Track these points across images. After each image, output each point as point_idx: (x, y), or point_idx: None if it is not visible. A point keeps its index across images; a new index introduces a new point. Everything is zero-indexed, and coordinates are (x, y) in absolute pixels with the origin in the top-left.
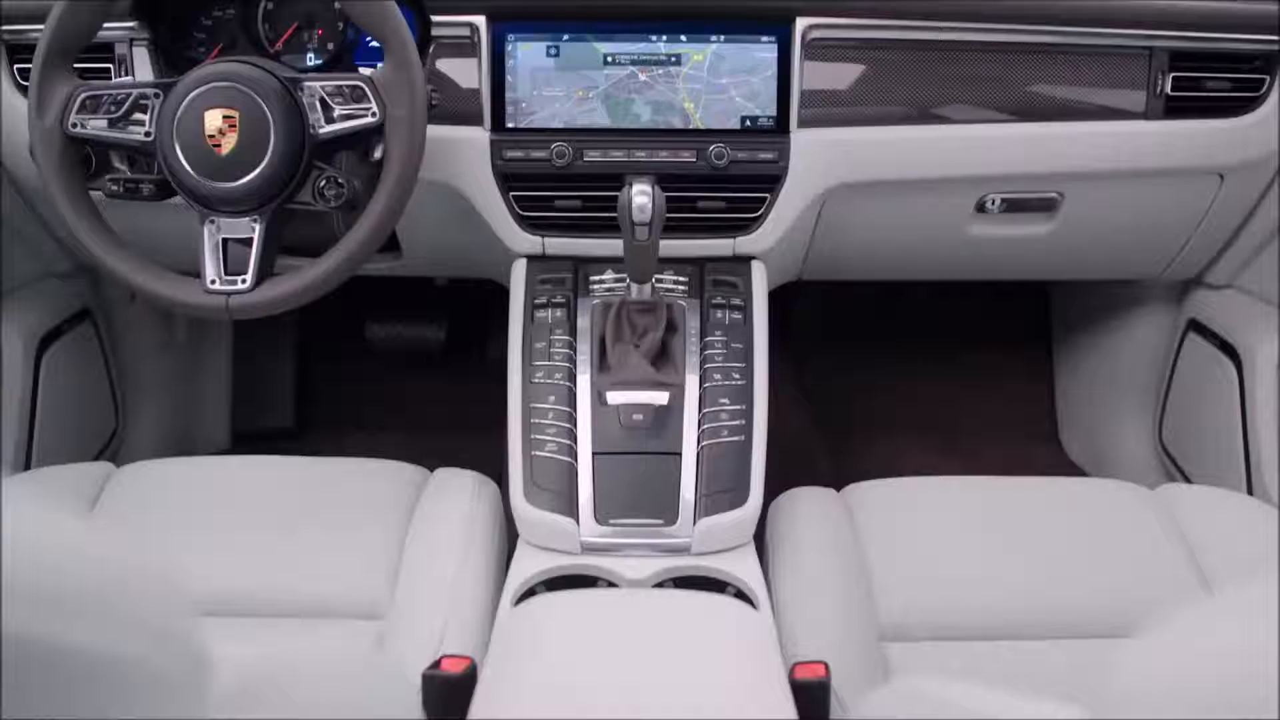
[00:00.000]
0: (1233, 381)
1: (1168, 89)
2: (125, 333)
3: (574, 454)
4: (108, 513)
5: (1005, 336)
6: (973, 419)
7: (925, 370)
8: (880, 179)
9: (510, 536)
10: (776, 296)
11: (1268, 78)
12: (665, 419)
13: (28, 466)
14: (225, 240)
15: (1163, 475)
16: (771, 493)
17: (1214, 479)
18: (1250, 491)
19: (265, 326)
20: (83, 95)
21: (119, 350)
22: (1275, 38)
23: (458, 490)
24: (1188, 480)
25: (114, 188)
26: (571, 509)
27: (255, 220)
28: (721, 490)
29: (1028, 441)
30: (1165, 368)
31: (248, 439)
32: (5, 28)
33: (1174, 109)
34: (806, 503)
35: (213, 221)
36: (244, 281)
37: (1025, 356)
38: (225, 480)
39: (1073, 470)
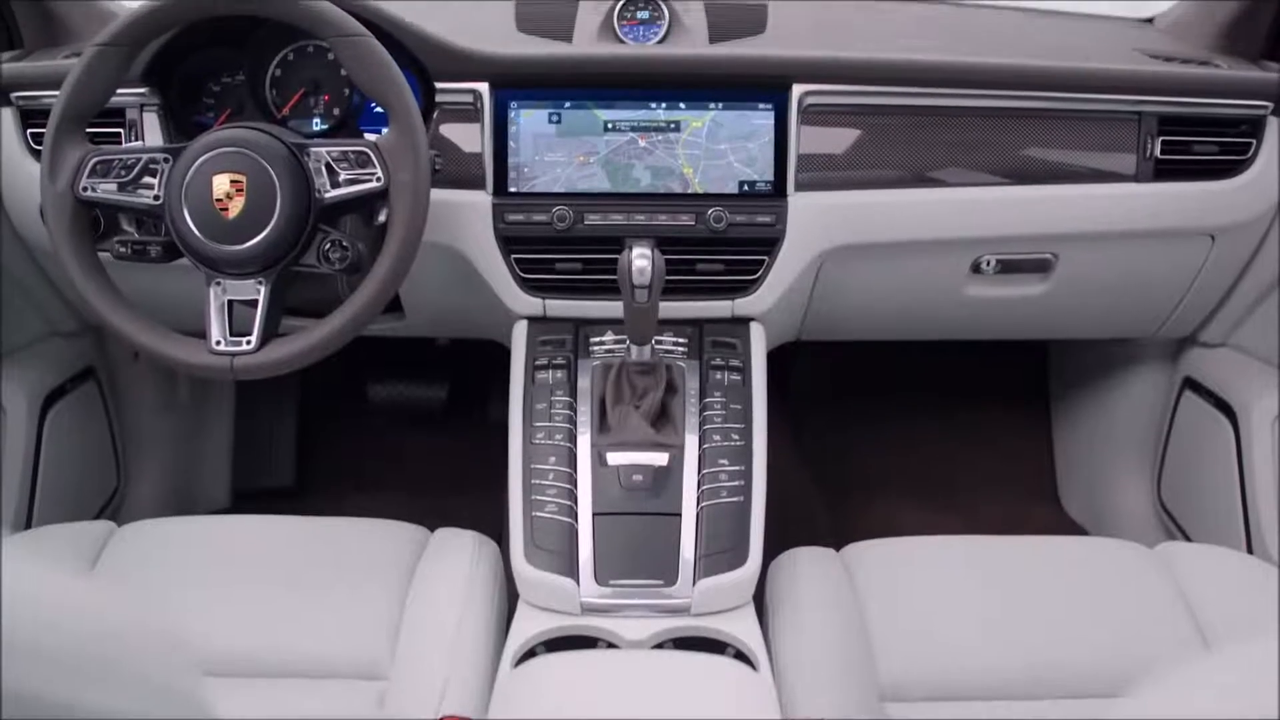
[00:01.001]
0: (1229, 439)
1: (1157, 152)
2: (128, 392)
3: (574, 514)
4: (109, 572)
5: (1003, 394)
6: (971, 477)
7: (923, 428)
8: (877, 241)
9: (510, 596)
10: (775, 356)
11: (1254, 142)
12: (665, 480)
13: (29, 525)
14: (230, 302)
15: (1162, 533)
16: (771, 552)
17: (1213, 537)
18: (1250, 550)
19: (267, 385)
20: (94, 160)
21: (122, 409)
22: (1260, 103)
23: (458, 550)
24: (1187, 538)
25: (122, 249)
26: (572, 569)
27: (261, 282)
28: (721, 551)
29: (1027, 499)
30: (1162, 425)
31: (248, 497)
32: (20, 93)
33: (1164, 172)
34: (806, 563)
35: (219, 283)
36: (248, 343)
37: (1023, 414)
38: (226, 540)
39: (1072, 528)
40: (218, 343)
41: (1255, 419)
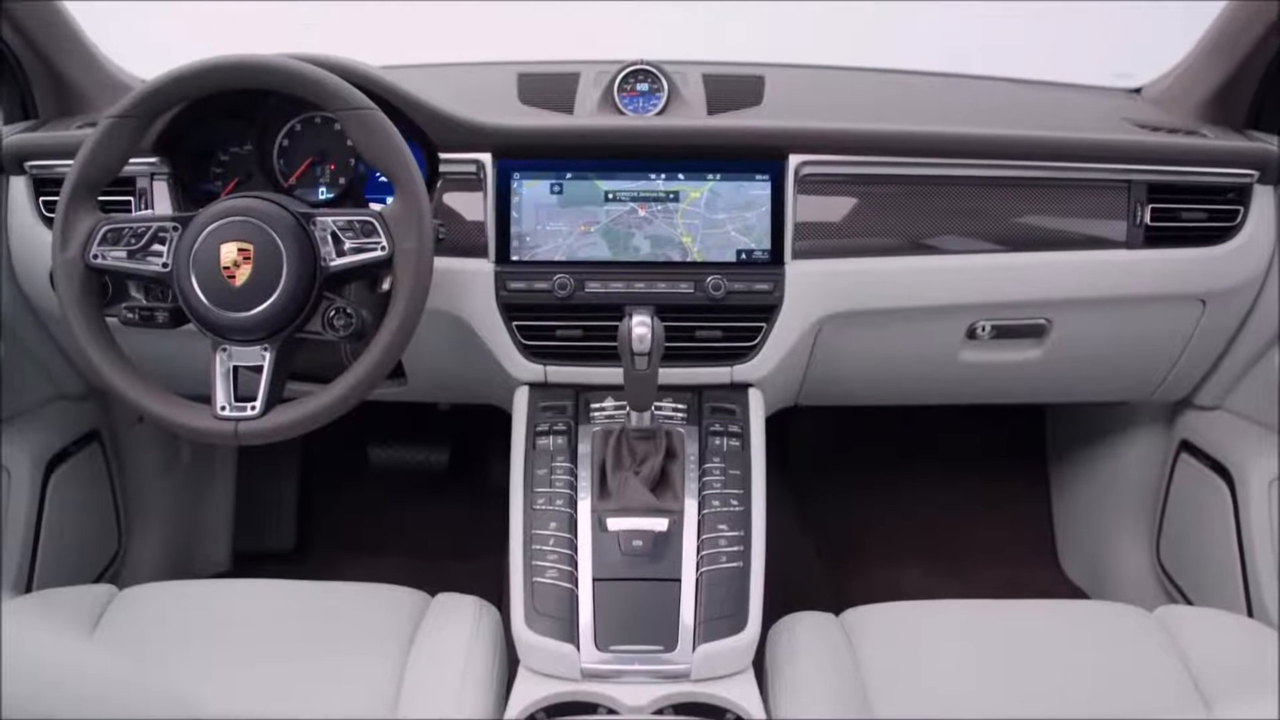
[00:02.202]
0: (1226, 502)
1: (1147, 219)
2: (131, 454)
3: (574, 580)
4: (109, 636)
5: (1001, 457)
6: (970, 540)
7: (922, 492)
8: (873, 308)
9: (511, 661)
10: (774, 420)
11: (1241, 209)
12: (665, 545)
13: (29, 586)
14: (236, 367)
15: (1162, 595)
16: (770, 618)
17: (1213, 600)
18: (1250, 612)
19: (269, 448)
20: (105, 228)
21: (125, 472)
22: (1247, 171)
23: (458, 616)
24: (1187, 601)
25: (130, 315)
26: (572, 635)
27: (266, 349)
28: (720, 616)
29: (1026, 562)
30: (1160, 488)
31: (249, 560)
32: (33, 163)
33: (1154, 238)
34: (805, 628)
35: (225, 349)
36: (253, 408)
37: (1022, 477)
38: (227, 605)
39: (1072, 591)
40: (222, 408)
41: (1252, 482)
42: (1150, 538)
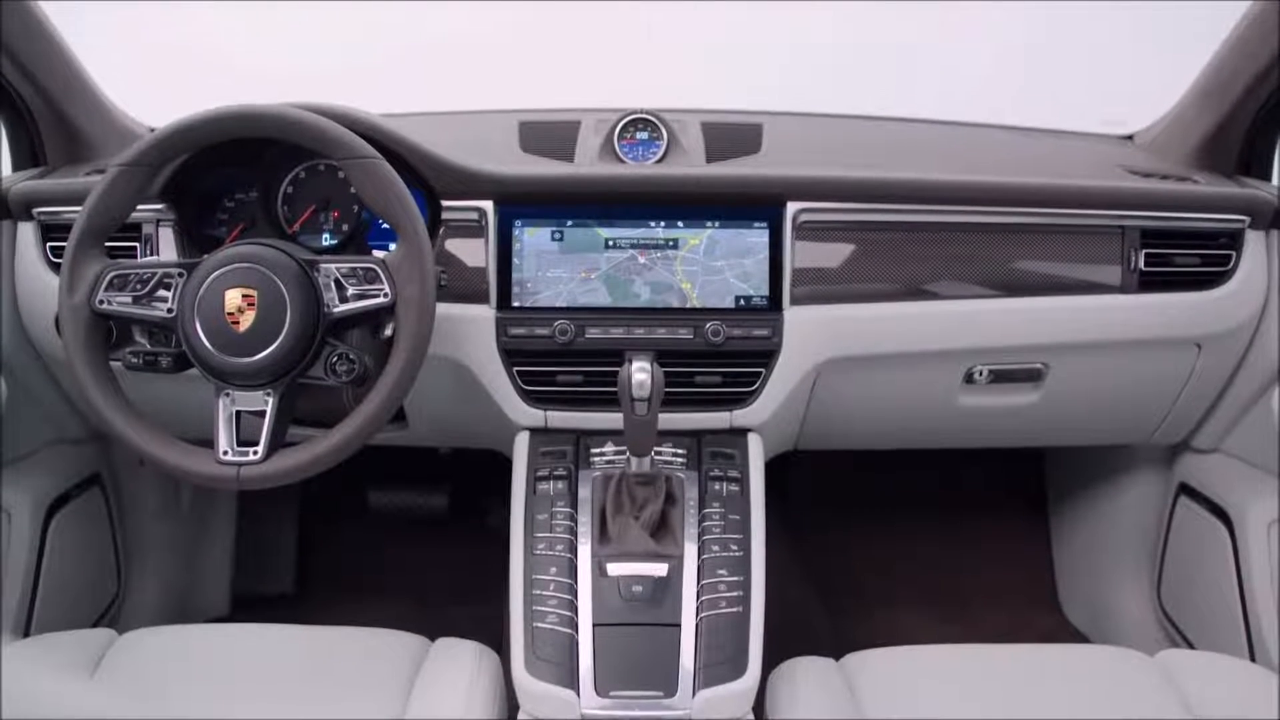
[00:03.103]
0: (1226, 544)
1: (1141, 264)
2: (132, 498)
3: (575, 625)
4: (109, 681)
5: (1002, 501)
6: (971, 584)
7: (923, 536)
8: (871, 353)
9: (511, 707)
10: (774, 463)
11: (1234, 253)
12: (664, 590)
13: (28, 629)
14: (239, 412)
15: (1164, 638)
16: (771, 663)
17: (1215, 643)
18: (1252, 655)
19: (269, 491)
20: (111, 274)
21: (125, 515)
22: (1238, 217)
23: (458, 661)
24: (1189, 644)
25: (134, 360)
26: (572, 680)
27: (269, 394)
28: (720, 661)
29: (1027, 606)
30: (1160, 531)
31: (248, 604)
32: (41, 209)
33: (1148, 283)
34: (806, 673)
35: (228, 394)
36: (255, 453)
37: (1022, 520)
38: (225, 649)
39: (1073, 634)
40: (225, 453)
41: (1251, 525)
42: (1151, 580)
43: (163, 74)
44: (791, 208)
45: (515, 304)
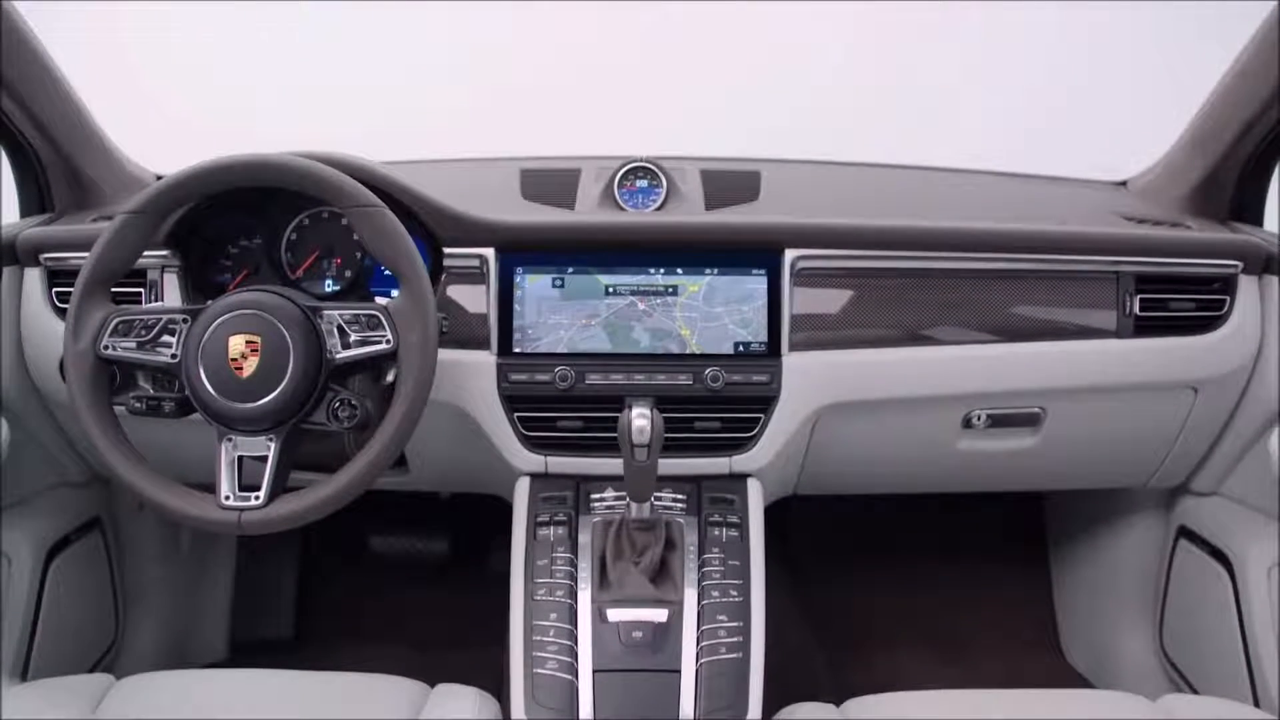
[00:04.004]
0: (1227, 588)
1: (1136, 309)
2: (132, 542)
3: (574, 671)
4: None
5: (1002, 543)
6: (972, 628)
7: (923, 579)
8: (870, 398)
9: None
10: (773, 508)
11: (1228, 298)
12: (664, 636)
13: (25, 672)
14: (241, 457)
15: (1166, 682)
16: (771, 708)
17: (1217, 687)
18: (1255, 700)
19: (269, 535)
20: (116, 320)
21: (125, 559)
22: (1231, 262)
23: (458, 707)
24: (1191, 688)
25: (137, 405)
26: None
27: (271, 439)
28: (721, 707)
29: (1028, 650)
30: (1161, 573)
31: (246, 648)
32: (48, 255)
33: (1144, 328)
34: (806, 718)
35: (230, 439)
36: (257, 498)
37: (1023, 563)
38: (224, 695)
39: (1074, 678)
40: (227, 497)
41: (1251, 569)
42: (1153, 624)
43: (167, 119)
44: (790, 255)
45: (516, 350)
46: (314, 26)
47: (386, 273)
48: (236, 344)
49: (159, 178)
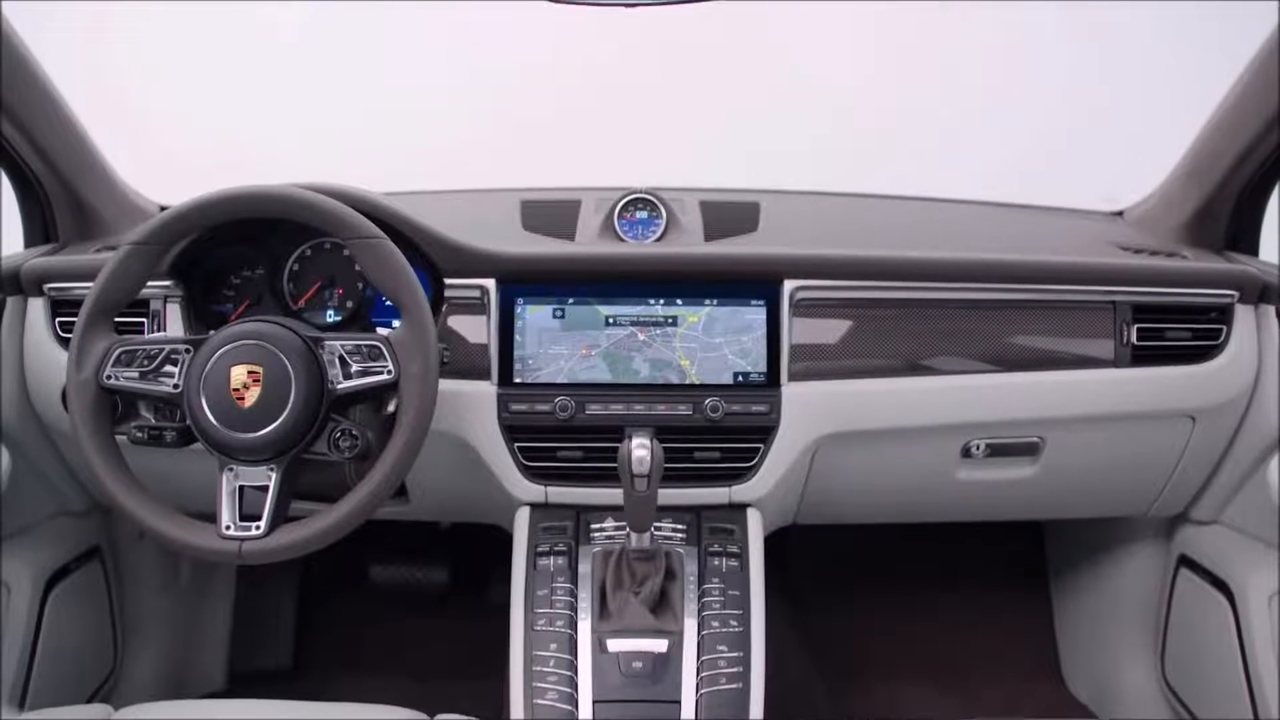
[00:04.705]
0: (1228, 617)
1: (1133, 339)
2: (132, 571)
3: (575, 701)
4: None
5: (1002, 572)
6: (972, 656)
7: (923, 608)
8: (869, 428)
9: None
10: (773, 536)
11: (1224, 327)
12: (665, 666)
13: (23, 701)
14: (242, 487)
15: (1167, 711)
16: None
17: (1219, 715)
18: None
19: (269, 565)
20: (119, 350)
21: (124, 588)
22: (1227, 292)
23: None
24: (1194, 717)
25: (139, 434)
26: None
27: (272, 468)
28: None
29: (1029, 679)
30: (1162, 602)
31: (245, 678)
32: (52, 285)
33: (1140, 357)
34: None
35: (231, 469)
36: (258, 527)
37: (1023, 592)
38: None
39: (1075, 707)
40: (227, 527)
41: (1252, 598)
42: (1154, 653)
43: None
44: (788, 285)
45: (517, 380)
46: (316, 60)
47: (388, 303)
48: (238, 374)
49: (162, 208)
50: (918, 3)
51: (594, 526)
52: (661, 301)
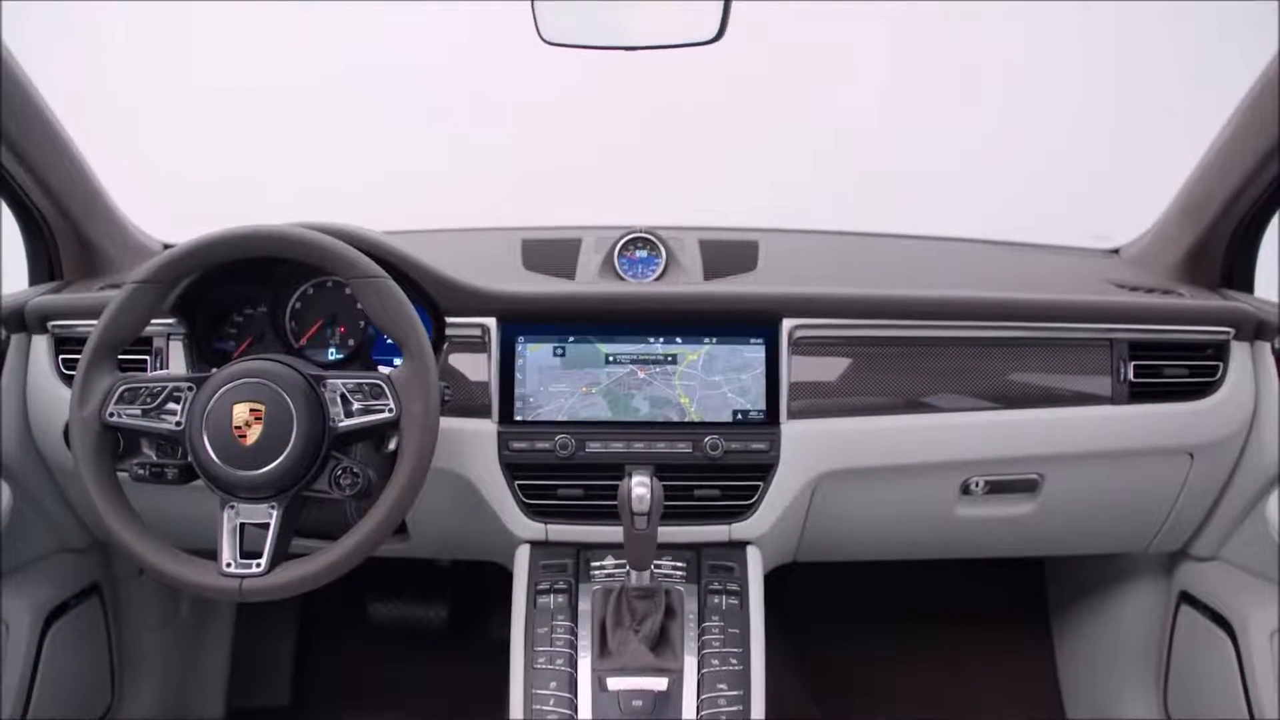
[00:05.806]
0: (1229, 653)
1: (1130, 376)
2: (131, 608)
3: None
4: None
5: (1003, 608)
6: (974, 692)
7: (924, 644)
8: (868, 466)
9: None
10: (773, 573)
11: (1221, 364)
12: (665, 704)
13: None
14: (243, 524)
15: None
16: None
17: None
18: None
19: (268, 602)
20: (122, 388)
21: (123, 625)
22: (1223, 329)
23: None
24: None
25: (140, 471)
26: None
27: (273, 506)
28: None
29: (1031, 715)
30: (1164, 638)
31: (243, 716)
32: (56, 322)
33: (1138, 394)
34: None
35: (232, 506)
36: (258, 565)
37: (1024, 627)
38: None
39: None
40: (228, 565)
41: (1253, 634)
42: (1157, 689)
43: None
44: (787, 324)
45: (517, 418)
46: (320, 102)
47: (389, 341)
48: (240, 412)
49: (166, 246)
50: (915, 46)
51: (594, 564)
52: (661, 340)
